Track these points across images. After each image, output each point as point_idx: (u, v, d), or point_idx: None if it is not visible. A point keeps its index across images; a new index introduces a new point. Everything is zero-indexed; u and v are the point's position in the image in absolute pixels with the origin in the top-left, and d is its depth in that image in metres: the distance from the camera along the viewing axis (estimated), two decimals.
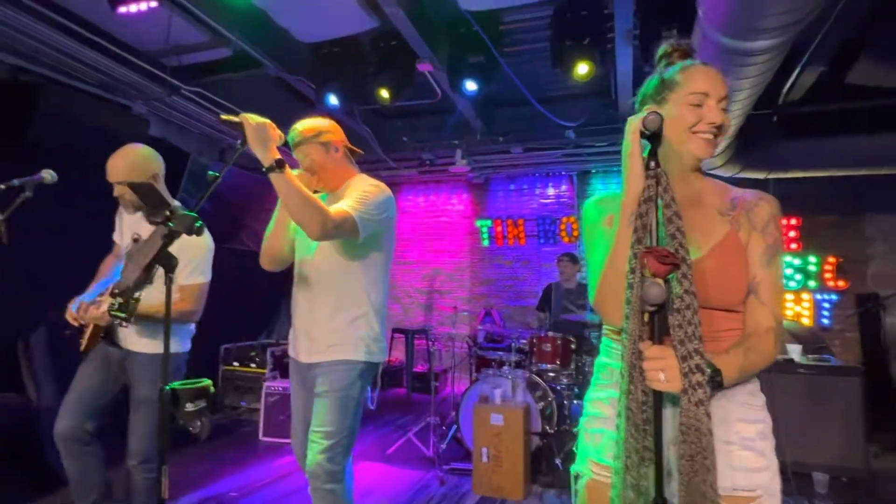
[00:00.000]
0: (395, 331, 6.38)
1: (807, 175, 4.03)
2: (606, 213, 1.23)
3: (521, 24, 3.93)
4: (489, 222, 6.63)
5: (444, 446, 3.86)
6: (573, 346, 3.94)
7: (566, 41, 3.66)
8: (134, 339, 2.21)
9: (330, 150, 1.99)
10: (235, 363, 5.19)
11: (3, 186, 1.85)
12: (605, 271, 1.10)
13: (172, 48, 3.89)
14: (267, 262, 2.04)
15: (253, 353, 5.20)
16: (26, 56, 3.41)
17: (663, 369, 0.97)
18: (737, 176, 4.17)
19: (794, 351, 3.67)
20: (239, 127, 1.68)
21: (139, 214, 2.28)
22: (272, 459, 3.97)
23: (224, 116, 1.66)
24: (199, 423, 4.43)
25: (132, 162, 2.22)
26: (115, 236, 2.55)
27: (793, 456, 3.31)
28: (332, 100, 4.16)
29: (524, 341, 3.98)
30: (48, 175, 2.02)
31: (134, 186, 1.46)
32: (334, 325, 1.91)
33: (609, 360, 1.24)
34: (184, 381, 1.42)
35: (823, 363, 3.61)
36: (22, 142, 3.32)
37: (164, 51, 3.92)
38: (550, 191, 6.51)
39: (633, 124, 1.04)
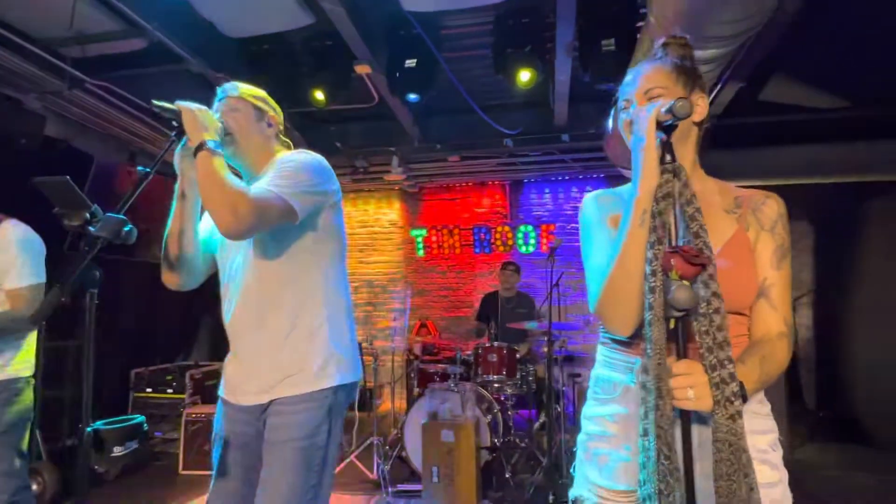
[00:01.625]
0: None
1: (737, 184, 4.29)
2: (608, 212, 1.15)
3: (462, 29, 3.87)
4: (424, 232, 6.51)
5: (387, 467, 3.65)
6: (518, 356, 3.89)
7: (507, 48, 3.65)
8: None
9: (263, 120, 1.64)
10: (149, 389, 4.66)
11: None
12: (613, 275, 1.01)
13: (75, 37, 3.46)
14: (172, 275, 1.59)
15: (169, 378, 4.70)
16: None
17: (692, 386, 0.88)
18: None
19: None
20: (174, 115, 1.44)
21: None
22: (195, 495, 3.56)
23: (158, 102, 1.41)
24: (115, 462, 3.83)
25: None
26: None
27: None
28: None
29: (469, 352, 3.87)
30: None
31: (44, 183, 1.18)
32: (288, 346, 1.50)
33: (610, 373, 1.15)
34: (110, 419, 1.17)
35: None
36: None
37: (65, 39, 3.47)
38: (485, 200, 6.51)
39: (651, 114, 0.96)
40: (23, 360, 2.00)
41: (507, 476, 3.46)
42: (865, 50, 3.54)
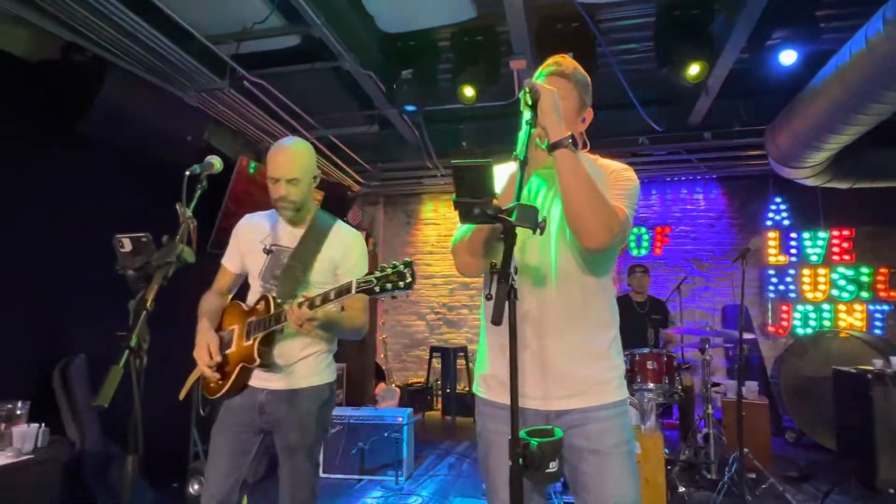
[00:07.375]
0: (432, 350, 6.03)
1: (892, 185, 4.02)
2: None
3: (617, 21, 3.71)
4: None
5: None
6: (675, 364, 3.70)
7: (672, 41, 3.48)
8: (277, 376, 1.81)
9: (582, 113, 1.48)
10: None
11: (188, 174, 1.41)
12: None
13: (234, 34, 3.43)
14: (477, 263, 1.47)
15: None
16: (78, 32, 2.86)
17: None
18: (825, 186, 4.11)
19: None
20: (533, 96, 1.32)
21: (263, 227, 1.93)
22: (344, 502, 3.48)
23: (530, 82, 1.29)
24: None
25: (307, 156, 1.86)
26: (227, 262, 1.98)
27: None
28: (409, 105, 3.79)
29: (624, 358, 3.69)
30: (217, 162, 1.59)
31: (463, 167, 1.06)
32: (598, 354, 1.41)
33: None
34: (531, 428, 1.05)
35: None
36: (73, 133, 2.76)
37: (223, 36, 3.45)
38: None
39: None
40: (332, 365, 1.92)
41: (680, 490, 3.27)
42: None
